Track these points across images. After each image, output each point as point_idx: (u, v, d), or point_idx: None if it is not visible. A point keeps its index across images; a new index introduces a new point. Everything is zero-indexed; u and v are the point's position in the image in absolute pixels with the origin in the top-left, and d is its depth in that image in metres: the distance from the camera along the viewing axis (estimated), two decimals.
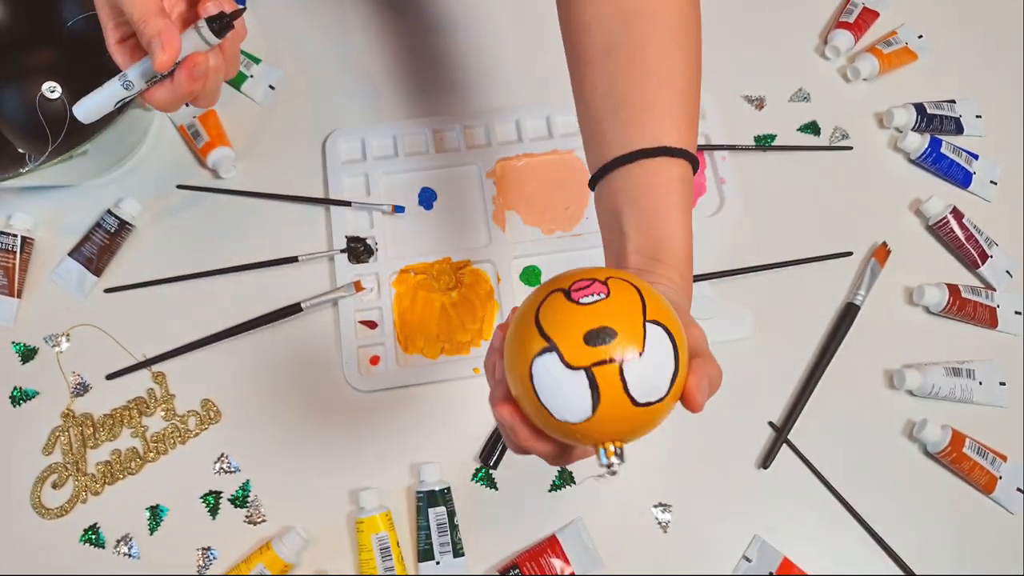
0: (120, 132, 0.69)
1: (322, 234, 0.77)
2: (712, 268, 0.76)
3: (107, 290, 0.74)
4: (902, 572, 0.67)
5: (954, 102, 0.83)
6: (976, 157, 0.80)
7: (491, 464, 0.69)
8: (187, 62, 0.48)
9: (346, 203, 0.77)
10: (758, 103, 0.84)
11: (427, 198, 0.79)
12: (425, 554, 0.66)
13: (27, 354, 0.72)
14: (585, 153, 0.52)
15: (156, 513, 0.68)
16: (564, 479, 0.69)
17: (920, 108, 0.81)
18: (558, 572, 0.65)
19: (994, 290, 0.76)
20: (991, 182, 0.80)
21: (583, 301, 0.36)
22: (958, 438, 0.69)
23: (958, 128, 0.82)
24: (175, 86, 0.49)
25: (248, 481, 0.69)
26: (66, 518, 0.68)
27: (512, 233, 0.78)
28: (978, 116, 0.83)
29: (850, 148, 0.82)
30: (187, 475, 0.69)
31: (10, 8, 0.67)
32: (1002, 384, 0.73)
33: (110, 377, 0.72)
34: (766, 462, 0.70)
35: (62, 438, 0.70)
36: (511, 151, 0.80)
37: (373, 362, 0.73)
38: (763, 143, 0.82)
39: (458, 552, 0.66)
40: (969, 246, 0.77)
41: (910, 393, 0.73)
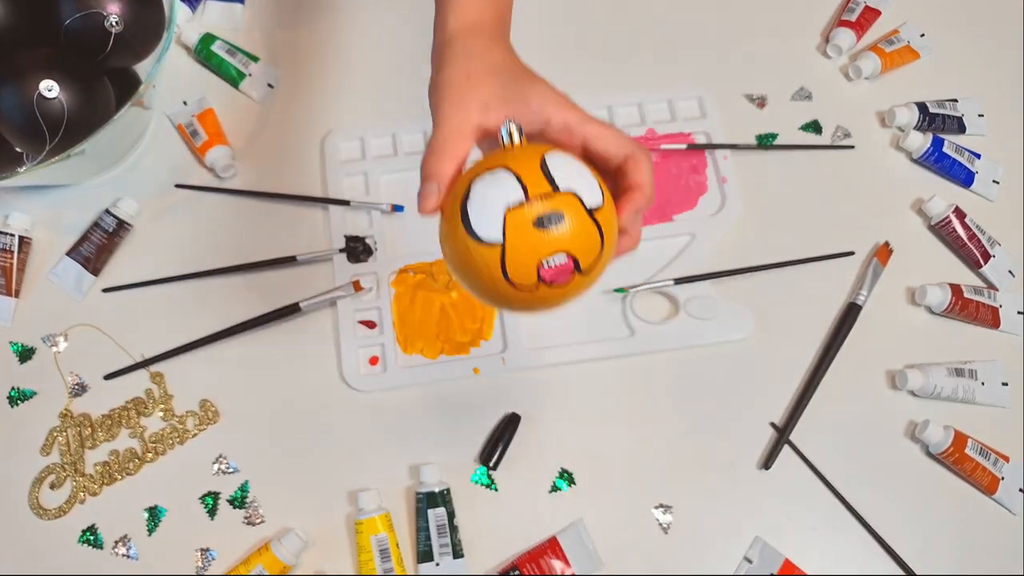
0: (118, 132, 0.69)
1: (321, 234, 0.77)
2: (713, 268, 0.75)
3: (105, 290, 0.74)
4: (904, 573, 0.67)
5: (956, 101, 0.83)
6: (979, 156, 0.80)
7: (491, 464, 0.69)
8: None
9: (345, 202, 0.77)
10: (759, 102, 0.84)
11: None
12: (425, 555, 0.66)
13: (25, 354, 0.72)
14: None
15: (154, 514, 0.68)
16: (566, 480, 0.69)
17: (923, 107, 0.81)
18: (558, 573, 0.65)
19: (996, 290, 0.76)
20: (993, 181, 0.80)
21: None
22: (960, 439, 0.69)
23: (960, 127, 0.82)
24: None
25: (247, 482, 0.69)
26: (64, 519, 0.67)
27: None
28: (980, 115, 0.83)
29: (852, 147, 0.82)
30: (185, 476, 0.69)
31: (7, 7, 0.67)
32: (1004, 384, 0.72)
33: (108, 377, 0.71)
34: (767, 463, 0.69)
35: (60, 439, 0.69)
36: None
37: (372, 362, 0.73)
38: (765, 142, 0.81)
39: (458, 553, 0.66)
40: (971, 245, 0.76)
41: (912, 394, 0.72)
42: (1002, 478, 0.69)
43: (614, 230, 0.43)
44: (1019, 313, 0.75)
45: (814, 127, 0.82)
